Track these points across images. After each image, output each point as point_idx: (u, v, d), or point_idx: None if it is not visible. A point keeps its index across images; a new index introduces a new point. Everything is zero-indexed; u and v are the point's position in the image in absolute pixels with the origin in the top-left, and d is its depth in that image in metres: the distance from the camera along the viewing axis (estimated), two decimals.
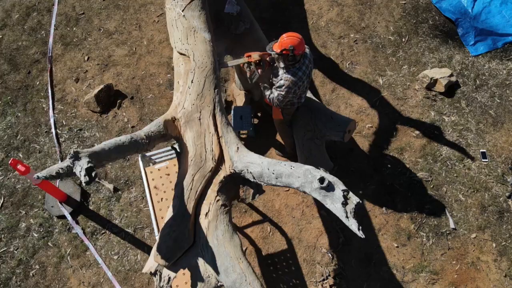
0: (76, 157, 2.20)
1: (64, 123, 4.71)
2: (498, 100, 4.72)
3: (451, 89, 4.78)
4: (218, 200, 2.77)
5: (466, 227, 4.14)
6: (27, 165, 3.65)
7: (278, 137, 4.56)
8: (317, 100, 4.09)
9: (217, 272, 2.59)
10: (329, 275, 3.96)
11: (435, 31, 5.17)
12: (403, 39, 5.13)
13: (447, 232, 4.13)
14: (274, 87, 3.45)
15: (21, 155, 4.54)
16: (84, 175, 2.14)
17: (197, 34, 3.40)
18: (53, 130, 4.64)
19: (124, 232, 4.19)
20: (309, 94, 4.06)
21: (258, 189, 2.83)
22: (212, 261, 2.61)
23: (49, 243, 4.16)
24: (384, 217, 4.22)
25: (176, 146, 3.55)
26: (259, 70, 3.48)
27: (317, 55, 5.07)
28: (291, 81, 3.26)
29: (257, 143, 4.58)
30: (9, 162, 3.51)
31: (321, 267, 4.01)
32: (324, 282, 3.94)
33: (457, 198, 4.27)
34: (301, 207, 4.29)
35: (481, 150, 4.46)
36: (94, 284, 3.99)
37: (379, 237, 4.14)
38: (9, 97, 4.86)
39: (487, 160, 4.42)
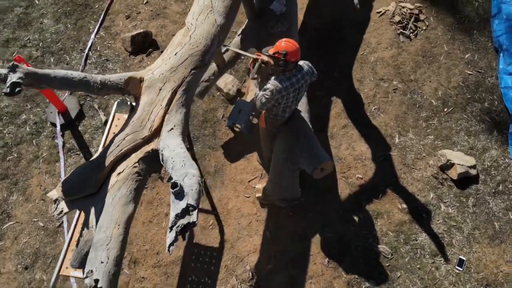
0: (12, 69, 2.43)
1: (98, 49, 5.11)
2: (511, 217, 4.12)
3: (466, 180, 4.27)
4: (135, 167, 2.86)
5: None
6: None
7: None
8: (309, 126, 3.92)
9: (96, 227, 2.71)
10: None
11: (485, 116, 4.61)
12: (446, 109, 4.66)
13: None
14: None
15: (52, 60, 5.05)
16: (7, 87, 2.36)
17: (210, 15, 3.44)
18: (86, 50, 5.07)
19: None
20: (303, 109, 3.92)
21: None
22: (97, 215, 2.73)
23: (34, 141, 4.64)
24: (322, 268, 4.00)
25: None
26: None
27: (347, 86, 4.83)
28: (276, 86, 3.21)
29: (245, 142, 4.57)
30: (14, 57, 3.92)
31: (237, 280, 3.96)
32: None
33: None
34: (251, 218, 4.23)
35: (460, 257, 3.97)
36: (48, 191, 4.38)
37: (306, 284, 3.94)
38: (68, 8, 5.39)
39: (461, 269, 3.93)
